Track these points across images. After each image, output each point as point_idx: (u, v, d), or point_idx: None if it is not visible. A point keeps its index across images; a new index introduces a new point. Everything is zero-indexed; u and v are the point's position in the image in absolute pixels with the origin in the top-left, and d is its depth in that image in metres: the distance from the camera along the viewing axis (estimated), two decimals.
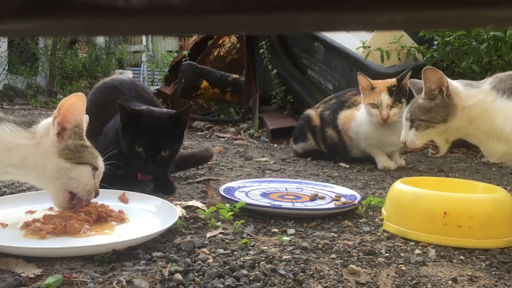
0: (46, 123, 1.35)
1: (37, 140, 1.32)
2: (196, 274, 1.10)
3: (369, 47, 3.27)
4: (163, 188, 1.91)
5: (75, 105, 1.33)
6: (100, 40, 11.10)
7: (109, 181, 1.59)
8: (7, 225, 1.35)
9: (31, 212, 1.47)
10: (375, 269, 1.19)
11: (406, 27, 0.39)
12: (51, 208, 1.51)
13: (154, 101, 2.18)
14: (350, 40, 3.62)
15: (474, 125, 1.59)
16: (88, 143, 1.40)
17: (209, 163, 2.64)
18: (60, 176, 1.34)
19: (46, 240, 1.25)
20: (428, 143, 1.69)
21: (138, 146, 1.79)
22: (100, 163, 1.41)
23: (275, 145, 3.68)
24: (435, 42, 3.19)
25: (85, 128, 1.40)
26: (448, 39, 3.12)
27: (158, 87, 6.33)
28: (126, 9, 0.33)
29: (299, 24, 0.38)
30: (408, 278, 1.14)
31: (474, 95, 1.58)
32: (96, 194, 1.41)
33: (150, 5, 0.33)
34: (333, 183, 2.15)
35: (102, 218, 1.43)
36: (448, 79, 1.62)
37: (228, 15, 0.35)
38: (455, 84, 1.62)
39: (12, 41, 9.22)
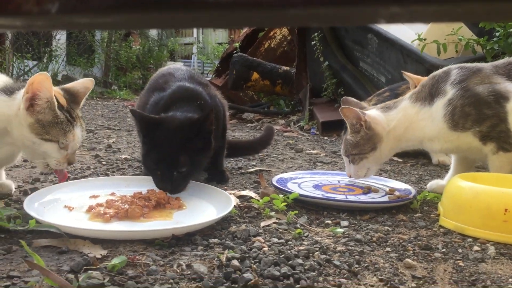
0: (21, 96, 1.42)
1: (16, 111, 1.41)
2: (253, 261, 1.13)
3: (425, 39, 3.18)
4: (216, 178, 1.94)
5: (42, 83, 1.38)
6: (153, 32, 11.36)
7: None
8: (73, 208, 1.43)
9: (95, 196, 1.55)
10: (431, 264, 1.18)
11: (486, 18, 0.39)
12: (113, 193, 1.58)
13: (206, 83, 2.06)
14: (404, 32, 3.54)
15: (404, 139, 1.77)
16: (62, 117, 1.43)
17: (260, 153, 2.67)
18: (33, 149, 1.44)
19: (109, 224, 1.32)
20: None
21: (151, 162, 1.63)
22: (71, 137, 1.44)
23: (325, 137, 3.66)
24: (497, 34, 3.07)
25: (56, 103, 1.42)
26: (511, 30, 2.99)
27: (208, 79, 6.42)
28: (216, 3, 0.35)
29: (377, 16, 0.39)
30: (466, 274, 1.12)
31: (393, 117, 1.75)
32: (69, 163, 1.49)
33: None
34: (386, 177, 2.13)
35: (161, 204, 1.49)
36: (366, 112, 1.77)
37: (310, 8, 0.37)
38: (373, 114, 1.77)
39: (70, 33, 9.59)
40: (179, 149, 1.59)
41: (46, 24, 0.45)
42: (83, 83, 1.59)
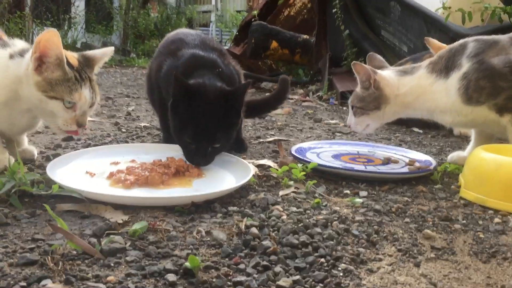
0: (29, 56, 1.40)
1: (24, 71, 1.40)
2: (271, 229, 1.13)
3: (449, 7, 3.09)
4: (235, 146, 1.92)
5: (51, 40, 1.36)
6: None
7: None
8: (94, 174, 1.45)
9: (115, 163, 1.57)
10: (451, 235, 1.17)
11: None
12: (133, 160, 1.59)
13: (220, 49, 1.96)
14: (428, 0, 3.43)
15: (412, 107, 1.75)
16: (70, 75, 1.41)
17: (279, 123, 2.66)
18: (41, 108, 1.43)
19: (130, 190, 1.34)
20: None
21: (186, 136, 1.55)
22: (77, 96, 1.41)
23: (344, 108, 3.63)
24: None
25: (65, 60, 1.41)
26: None
27: (227, 47, 6.37)
28: None
29: None
30: (487, 246, 1.11)
31: (406, 83, 1.73)
32: (78, 125, 1.45)
33: None
34: (406, 148, 2.11)
35: (180, 172, 1.50)
36: (378, 71, 1.75)
37: None
38: (386, 74, 1.76)
39: (89, 0, 9.56)
40: (216, 124, 1.55)
41: None
42: (101, 50, 1.58)
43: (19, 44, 1.52)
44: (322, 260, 0.99)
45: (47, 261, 0.91)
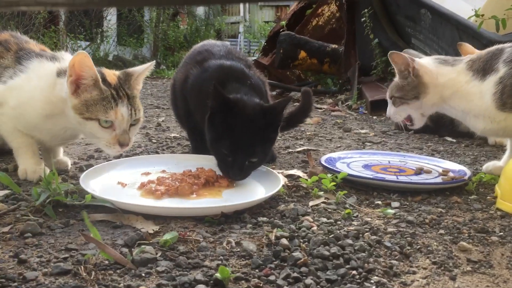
0: (65, 80, 1.42)
1: (64, 95, 1.43)
2: (302, 240, 1.12)
3: (482, 15, 3.02)
4: None
5: (83, 62, 1.37)
6: (200, 11, 11.42)
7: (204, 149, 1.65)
8: (126, 184, 1.47)
9: (146, 174, 1.58)
10: (488, 247, 1.14)
11: None
12: (163, 171, 1.61)
13: (246, 59, 1.96)
14: (460, 6, 3.37)
15: (448, 103, 1.71)
16: (106, 93, 1.41)
17: (308, 133, 2.64)
18: (81, 130, 1.46)
19: (161, 200, 1.35)
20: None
21: (224, 148, 1.52)
22: (113, 115, 1.40)
23: (374, 117, 3.58)
24: None
25: (100, 79, 1.41)
26: None
27: (255, 57, 6.40)
28: None
29: None
30: None
31: (445, 73, 1.70)
32: (121, 145, 1.44)
33: None
34: (439, 158, 2.06)
35: (210, 182, 1.50)
36: (416, 59, 1.74)
37: None
38: (426, 62, 1.74)
39: (120, 14, 9.78)
40: (256, 138, 1.52)
41: (103, 1, 0.45)
42: (142, 66, 1.58)
43: (68, 58, 1.55)
44: (354, 272, 0.97)
45: (80, 270, 0.92)
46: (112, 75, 1.50)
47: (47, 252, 1.02)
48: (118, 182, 1.48)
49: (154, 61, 1.65)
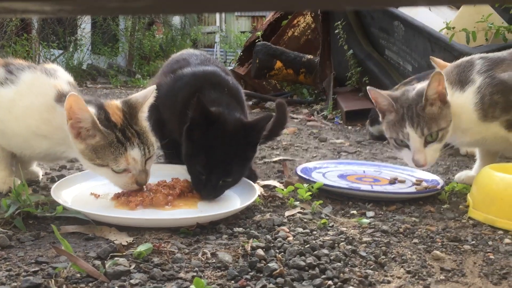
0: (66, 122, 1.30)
1: (68, 136, 1.32)
2: (277, 251, 1.12)
3: (453, 27, 3.10)
4: (247, 176, 1.65)
5: (75, 105, 1.25)
6: (176, 21, 11.40)
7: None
8: (99, 195, 1.44)
9: None
10: (460, 256, 1.15)
11: None
12: None
13: (224, 68, 1.90)
14: (432, 19, 3.45)
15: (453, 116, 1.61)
16: (111, 138, 1.29)
17: (284, 143, 2.65)
18: (95, 172, 1.38)
19: (135, 211, 1.33)
20: None
21: (199, 165, 1.45)
22: (124, 161, 1.30)
23: (349, 127, 3.62)
24: None
25: (97, 121, 1.29)
26: None
27: (231, 67, 6.41)
28: None
29: None
30: (497, 267, 1.09)
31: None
32: (139, 185, 1.36)
33: None
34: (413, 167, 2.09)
35: (185, 192, 1.48)
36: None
37: None
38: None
39: (95, 22, 9.68)
40: (233, 157, 1.45)
41: (76, 9, 0.44)
42: (143, 92, 1.45)
43: (61, 73, 1.47)
44: (330, 282, 0.97)
45: (50, 284, 0.89)
46: (117, 111, 1.36)
47: (16, 266, 0.99)
48: (91, 193, 1.45)
49: (155, 85, 1.50)
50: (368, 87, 1.71)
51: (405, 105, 1.60)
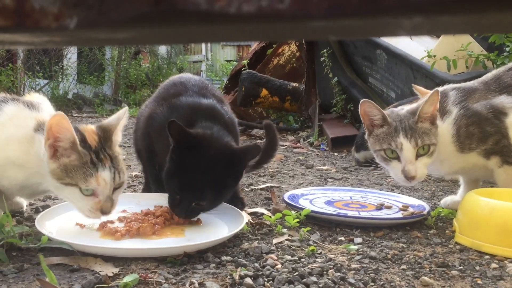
0: (42, 141, 1.30)
1: (43, 157, 1.31)
2: (266, 279, 1.11)
3: (434, 55, 3.18)
4: (233, 204, 1.66)
5: (60, 124, 1.25)
6: (162, 50, 11.48)
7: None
8: (84, 225, 1.42)
9: None
10: (449, 282, 1.15)
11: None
12: (124, 211, 1.57)
13: (221, 97, 1.88)
14: (414, 47, 3.54)
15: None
16: (86, 158, 1.28)
17: (271, 170, 2.65)
18: (60, 194, 1.36)
19: (121, 241, 1.31)
20: None
21: (174, 185, 1.46)
22: (94, 182, 1.27)
23: (335, 153, 3.65)
24: (507, 49, 3.05)
25: (78, 142, 1.28)
26: None
27: None
28: (237, 16, 0.34)
29: (399, 27, 0.38)
30: None
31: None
32: (103, 213, 1.32)
33: (260, 12, 0.34)
34: (399, 193, 2.10)
35: (166, 219, 1.47)
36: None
37: (331, 20, 0.36)
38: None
39: (81, 52, 9.72)
40: (208, 181, 1.43)
41: (64, 40, 0.45)
42: (116, 115, 1.45)
43: (45, 105, 1.48)
44: None
45: None
46: (92, 134, 1.36)
47: None
48: (77, 223, 1.43)
49: (126, 106, 1.52)
50: (362, 100, 1.68)
51: (397, 119, 1.61)
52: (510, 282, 1.16)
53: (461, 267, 1.24)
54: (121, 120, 1.42)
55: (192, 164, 1.44)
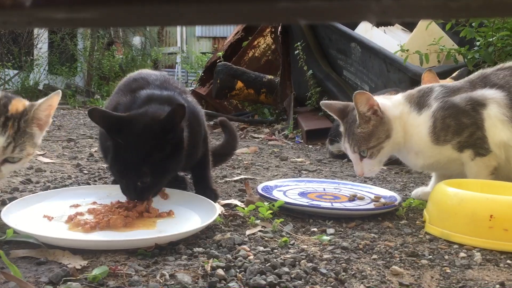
0: None
1: None
2: (238, 270, 1.10)
3: (407, 50, 3.21)
4: (206, 195, 1.66)
5: None
6: (136, 41, 11.31)
7: None
8: (52, 218, 1.39)
9: (76, 206, 1.51)
10: (418, 271, 1.17)
11: (480, 14, 0.38)
12: (94, 203, 1.54)
13: (184, 89, 1.89)
14: (387, 41, 3.57)
15: (405, 135, 1.69)
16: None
17: (245, 162, 2.65)
18: None
19: (90, 233, 1.28)
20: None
21: (114, 171, 1.51)
22: None
23: (310, 146, 3.66)
24: (477, 43, 3.11)
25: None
26: (491, 39, 3.03)
27: (192, 88, 6.40)
28: None
29: (369, 11, 0.37)
30: (453, 281, 1.11)
31: (396, 105, 1.71)
32: None
33: None
34: (371, 185, 2.12)
35: (142, 213, 1.45)
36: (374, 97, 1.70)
37: (300, 2, 0.35)
38: (379, 100, 1.70)
39: (52, 42, 9.48)
40: (141, 158, 1.43)
41: (22, 20, 0.43)
42: (46, 97, 1.47)
43: None
44: None
45: None
46: (20, 105, 1.39)
47: None
48: (44, 215, 1.39)
49: (59, 91, 1.51)
50: (321, 102, 1.81)
51: (350, 121, 1.72)
52: (478, 271, 1.18)
53: (431, 257, 1.26)
54: (49, 100, 1.45)
55: (124, 145, 1.44)
